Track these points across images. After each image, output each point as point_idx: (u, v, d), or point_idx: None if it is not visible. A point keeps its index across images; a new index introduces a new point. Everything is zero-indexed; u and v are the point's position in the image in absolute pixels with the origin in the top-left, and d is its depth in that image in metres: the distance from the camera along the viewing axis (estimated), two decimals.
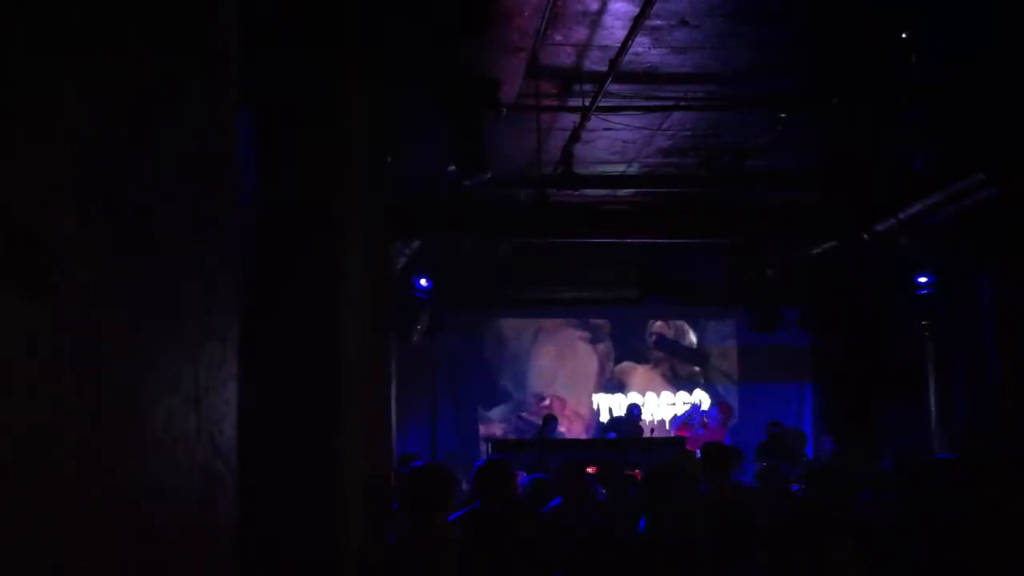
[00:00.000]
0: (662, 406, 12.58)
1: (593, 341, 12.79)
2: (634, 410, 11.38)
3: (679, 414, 12.45)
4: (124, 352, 1.07)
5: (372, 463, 3.97)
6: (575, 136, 6.59)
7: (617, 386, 12.70)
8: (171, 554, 1.16)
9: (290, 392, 3.53)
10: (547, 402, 12.39)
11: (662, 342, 12.94)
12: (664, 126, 7.07)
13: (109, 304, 1.05)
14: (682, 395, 12.63)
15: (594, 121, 6.50)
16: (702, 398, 12.60)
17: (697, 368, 12.92)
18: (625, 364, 12.81)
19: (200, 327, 1.22)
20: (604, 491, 5.25)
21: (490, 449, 10.24)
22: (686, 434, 10.39)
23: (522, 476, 5.43)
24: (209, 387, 1.22)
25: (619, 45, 5.23)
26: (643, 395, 12.52)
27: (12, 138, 0.93)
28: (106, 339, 1.04)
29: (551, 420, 10.85)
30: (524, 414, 12.43)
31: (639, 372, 12.81)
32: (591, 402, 12.61)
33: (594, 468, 6.07)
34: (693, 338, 13.01)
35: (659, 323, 12.94)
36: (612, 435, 10.61)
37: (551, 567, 3.97)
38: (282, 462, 3.42)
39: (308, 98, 3.71)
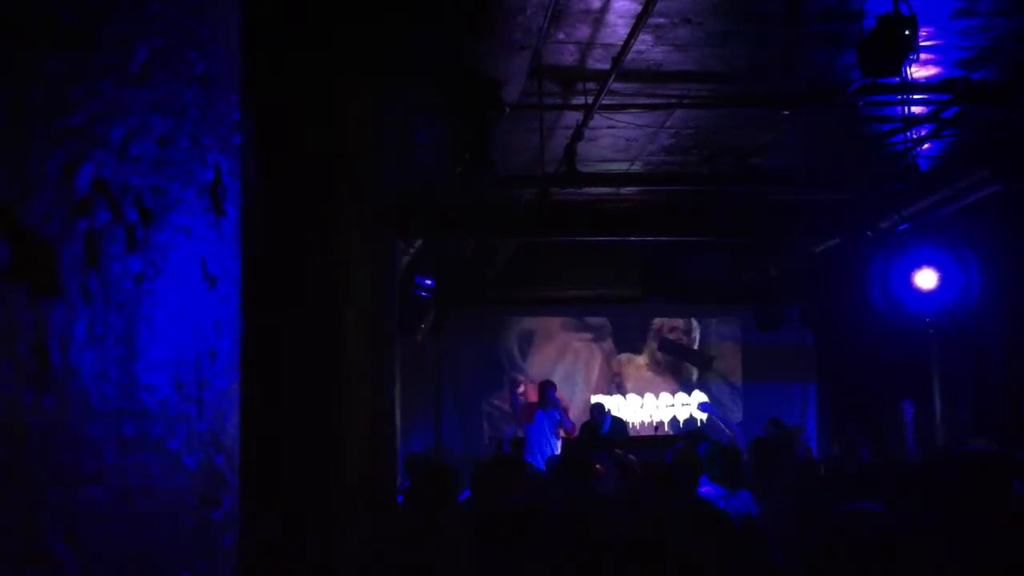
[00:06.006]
0: (661, 407, 12.45)
1: (594, 341, 12.75)
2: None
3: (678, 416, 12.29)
4: (126, 351, 1.08)
5: (375, 463, 3.98)
6: (578, 134, 6.59)
7: (616, 387, 12.62)
8: (173, 553, 1.16)
9: (292, 391, 3.53)
10: (521, 389, 12.15)
11: (666, 346, 12.84)
12: (667, 124, 7.06)
13: (111, 303, 1.05)
14: (681, 396, 12.51)
15: (597, 119, 6.50)
16: (700, 399, 12.50)
17: (701, 371, 12.81)
18: (624, 365, 12.72)
19: (200, 325, 1.22)
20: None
21: (492, 448, 10.25)
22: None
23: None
24: (210, 385, 1.22)
25: (622, 43, 5.22)
26: (642, 396, 12.40)
27: (16, 138, 0.93)
28: (108, 338, 1.05)
29: (548, 386, 10.03)
30: (497, 401, 12.31)
31: (638, 373, 12.73)
32: (589, 403, 12.54)
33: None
34: (697, 336, 12.92)
35: (661, 322, 12.84)
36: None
37: (554, 567, 3.96)
38: (285, 461, 3.43)
39: (308, 98, 3.71)
